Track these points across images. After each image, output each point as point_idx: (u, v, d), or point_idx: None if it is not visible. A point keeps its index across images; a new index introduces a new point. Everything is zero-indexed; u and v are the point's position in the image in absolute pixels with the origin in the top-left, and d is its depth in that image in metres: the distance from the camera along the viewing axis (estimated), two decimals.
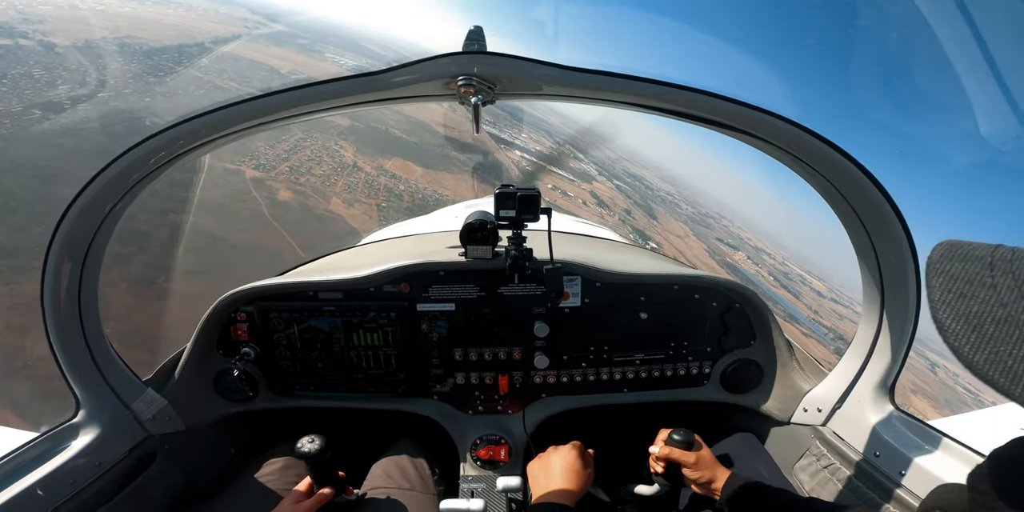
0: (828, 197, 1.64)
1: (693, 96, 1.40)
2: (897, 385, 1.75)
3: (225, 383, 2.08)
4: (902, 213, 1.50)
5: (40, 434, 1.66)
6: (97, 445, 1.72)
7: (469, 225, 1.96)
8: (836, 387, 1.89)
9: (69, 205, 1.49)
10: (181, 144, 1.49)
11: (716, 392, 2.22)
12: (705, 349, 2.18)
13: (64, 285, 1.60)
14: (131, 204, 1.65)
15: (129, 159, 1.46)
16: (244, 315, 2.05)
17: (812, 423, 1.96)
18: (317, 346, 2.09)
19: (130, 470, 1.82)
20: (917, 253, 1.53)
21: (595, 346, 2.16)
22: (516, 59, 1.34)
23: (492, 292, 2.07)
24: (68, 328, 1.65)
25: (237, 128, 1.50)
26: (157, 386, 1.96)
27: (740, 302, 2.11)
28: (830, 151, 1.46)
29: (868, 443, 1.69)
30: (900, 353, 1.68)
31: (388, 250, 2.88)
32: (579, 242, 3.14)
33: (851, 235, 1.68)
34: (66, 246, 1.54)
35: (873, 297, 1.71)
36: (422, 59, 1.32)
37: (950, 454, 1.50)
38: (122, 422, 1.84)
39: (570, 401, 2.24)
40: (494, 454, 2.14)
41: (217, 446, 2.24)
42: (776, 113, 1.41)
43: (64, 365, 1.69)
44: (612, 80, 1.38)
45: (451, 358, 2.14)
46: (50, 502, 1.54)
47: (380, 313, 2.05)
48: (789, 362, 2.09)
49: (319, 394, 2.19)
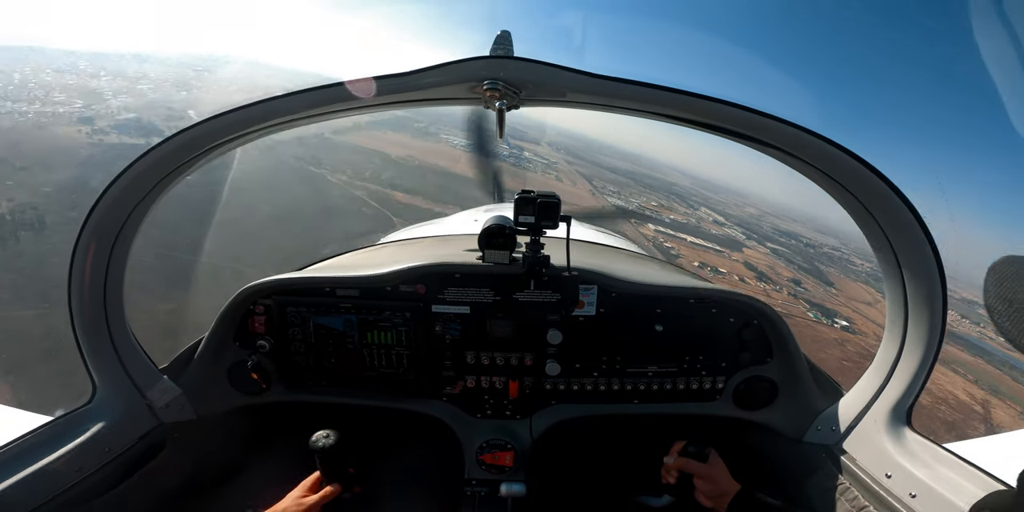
0: (856, 216, 1.62)
1: (722, 108, 1.40)
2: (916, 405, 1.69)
3: (239, 375, 2.09)
4: (932, 236, 1.48)
5: (54, 418, 1.69)
6: (108, 431, 1.74)
7: (488, 229, 1.97)
8: (852, 407, 1.85)
9: (101, 194, 1.55)
10: (214, 138, 1.54)
11: (728, 408, 2.19)
12: (720, 364, 2.14)
13: (91, 272, 1.65)
14: (163, 195, 1.68)
15: (168, 149, 1.52)
16: (262, 308, 2.06)
17: (825, 442, 1.92)
18: (331, 342, 2.10)
19: (138, 458, 1.84)
20: (945, 276, 1.52)
21: (608, 356, 2.14)
22: (543, 65, 1.35)
23: (507, 297, 2.06)
24: (92, 314, 1.70)
25: (270, 123, 1.55)
26: (173, 374, 2.00)
27: (758, 319, 2.07)
28: (863, 170, 1.44)
29: (880, 464, 1.65)
30: (921, 376, 1.65)
31: (406, 251, 2.88)
32: (597, 251, 3.12)
33: (877, 254, 1.66)
34: (95, 233, 1.60)
35: (897, 319, 1.68)
36: (450, 62, 1.35)
37: (964, 477, 1.46)
38: (135, 409, 1.87)
39: (579, 410, 2.22)
40: (499, 459, 2.13)
41: (226, 437, 2.24)
42: (807, 128, 1.40)
43: (85, 350, 1.73)
44: (638, 89, 1.38)
45: (463, 361, 2.14)
46: (56, 487, 1.55)
47: (395, 313, 2.06)
48: (806, 381, 2.06)
49: (330, 390, 2.20)
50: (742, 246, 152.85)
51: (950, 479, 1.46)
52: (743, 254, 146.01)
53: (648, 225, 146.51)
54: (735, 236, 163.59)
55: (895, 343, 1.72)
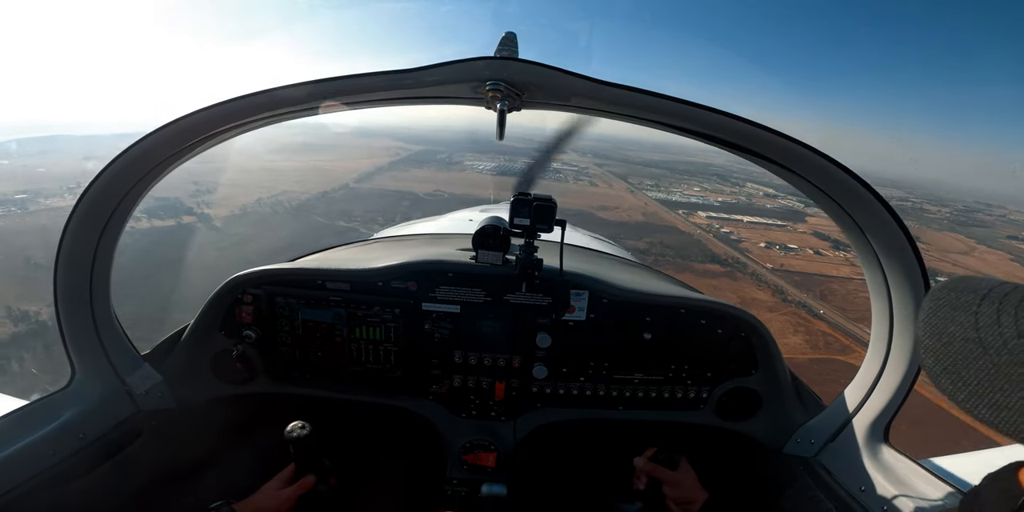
0: (847, 230, 1.64)
1: (724, 120, 1.41)
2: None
3: (223, 364, 2.08)
4: (921, 255, 1.50)
5: (29, 402, 1.67)
6: (84, 416, 1.73)
7: (482, 230, 1.97)
8: (832, 421, 1.87)
9: (94, 180, 1.54)
10: (211, 126, 1.53)
11: (710, 417, 2.20)
12: (705, 374, 2.15)
13: (79, 256, 1.64)
14: (159, 181, 1.67)
15: (162, 135, 1.50)
16: (251, 297, 2.05)
17: (803, 454, 1.95)
18: (318, 335, 2.09)
19: (115, 444, 1.82)
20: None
21: (595, 362, 2.14)
22: (547, 68, 1.35)
23: (498, 298, 2.06)
24: (77, 298, 1.69)
25: (273, 113, 1.54)
26: (155, 361, 1.98)
27: (746, 331, 2.08)
28: (861, 188, 1.45)
29: (855, 477, 1.69)
30: (902, 393, 1.67)
31: (399, 247, 2.83)
32: (591, 257, 3.08)
33: (866, 270, 1.68)
34: (86, 218, 1.59)
35: (881, 334, 1.70)
36: (454, 60, 1.35)
37: (936, 491, 1.49)
38: (113, 395, 1.85)
39: (564, 413, 2.23)
40: (482, 459, 2.14)
41: (205, 427, 2.21)
42: (805, 143, 1.41)
43: (67, 333, 1.72)
44: (641, 97, 1.38)
45: (451, 360, 2.14)
46: (30, 470, 1.54)
47: (385, 308, 2.05)
48: (788, 393, 2.08)
49: (315, 383, 2.19)
50: (804, 215, 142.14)
51: (922, 494, 1.49)
52: (808, 224, 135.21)
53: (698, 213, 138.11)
54: (793, 206, 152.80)
55: (878, 359, 1.73)
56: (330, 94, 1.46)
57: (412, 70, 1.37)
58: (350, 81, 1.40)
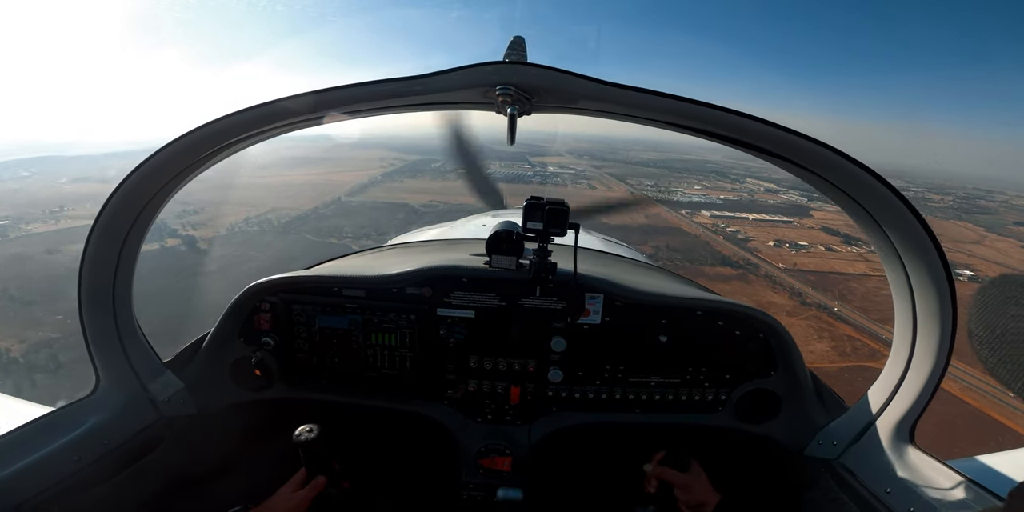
0: (869, 231, 1.61)
1: (733, 119, 1.40)
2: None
3: (241, 371, 2.10)
4: (945, 254, 1.47)
5: (55, 408, 1.70)
6: (108, 423, 1.75)
7: (496, 234, 1.99)
8: (855, 422, 1.84)
9: (115, 190, 1.57)
10: (225, 137, 1.55)
11: (729, 419, 2.17)
12: (723, 376, 2.13)
13: (102, 266, 1.67)
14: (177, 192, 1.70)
15: (178, 148, 1.53)
16: (268, 305, 2.08)
17: (825, 456, 1.90)
18: (335, 342, 2.11)
19: (137, 450, 1.85)
20: (956, 293, 1.51)
21: (611, 365, 2.13)
22: (556, 71, 1.35)
23: (513, 303, 2.06)
24: (101, 307, 1.72)
25: (284, 123, 1.56)
26: (176, 368, 2.01)
27: (764, 332, 2.06)
28: (876, 183, 1.43)
29: (880, 479, 1.65)
30: (928, 392, 1.63)
31: (413, 253, 2.87)
32: (605, 260, 3.07)
33: (888, 269, 1.65)
34: (108, 228, 1.62)
35: (905, 333, 1.67)
36: (463, 66, 1.35)
37: (964, 492, 1.46)
38: (136, 402, 1.87)
39: (580, 418, 2.21)
40: (497, 464, 2.13)
41: (225, 432, 2.23)
42: (818, 140, 1.40)
43: (91, 342, 1.75)
44: (652, 98, 1.38)
45: (466, 365, 2.14)
46: (54, 476, 1.56)
47: (400, 314, 2.06)
48: (809, 395, 2.05)
49: (331, 389, 2.20)
50: (809, 210, 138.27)
51: (951, 496, 1.46)
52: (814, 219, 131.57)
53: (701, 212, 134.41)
54: (796, 201, 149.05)
55: (902, 358, 1.70)
56: (342, 102, 1.47)
57: (422, 76, 1.38)
58: (361, 89, 1.41)
